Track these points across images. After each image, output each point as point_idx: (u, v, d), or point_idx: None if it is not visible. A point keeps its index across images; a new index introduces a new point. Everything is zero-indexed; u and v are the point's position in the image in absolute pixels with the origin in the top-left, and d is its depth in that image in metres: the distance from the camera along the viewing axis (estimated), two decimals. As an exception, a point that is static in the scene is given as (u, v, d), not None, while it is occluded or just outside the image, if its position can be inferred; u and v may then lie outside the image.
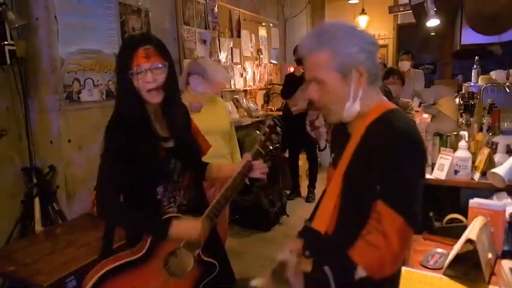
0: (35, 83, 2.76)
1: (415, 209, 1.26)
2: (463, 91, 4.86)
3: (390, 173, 1.26)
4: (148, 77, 1.55)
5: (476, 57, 5.16)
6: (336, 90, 1.34)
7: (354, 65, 1.32)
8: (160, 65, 1.57)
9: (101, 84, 3.05)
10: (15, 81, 2.67)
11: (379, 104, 1.39)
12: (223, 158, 2.90)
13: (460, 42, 5.62)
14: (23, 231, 2.70)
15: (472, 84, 4.99)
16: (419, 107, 4.13)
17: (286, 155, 5.61)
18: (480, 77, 4.72)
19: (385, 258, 1.22)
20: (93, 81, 2.99)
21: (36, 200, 2.72)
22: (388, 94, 3.19)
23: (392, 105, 1.42)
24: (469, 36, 5.13)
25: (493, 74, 4.15)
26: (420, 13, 4.91)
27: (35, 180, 2.76)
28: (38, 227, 2.68)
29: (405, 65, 5.53)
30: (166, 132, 1.70)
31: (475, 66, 5.16)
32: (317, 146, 4.99)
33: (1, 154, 2.65)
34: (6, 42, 2.56)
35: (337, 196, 1.37)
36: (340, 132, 1.51)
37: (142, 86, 1.56)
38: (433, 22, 4.75)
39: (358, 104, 1.35)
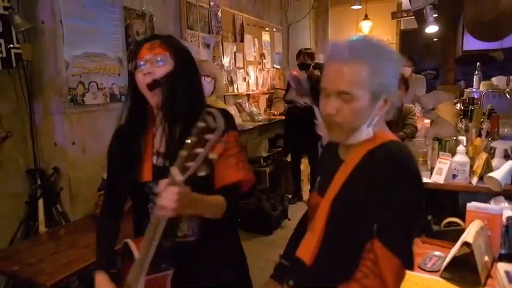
0: (40, 86, 2.79)
1: (411, 250, 1.20)
2: (465, 97, 4.88)
3: (388, 209, 1.17)
4: (146, 68, 1.34)
5: (477, 63, 5.18)
6: (360, 110, 1.21)
7: (385, 92, 1.22)
8: (163, 56, 1.35)
9: (105, 88, 3.09)
10: (20, 84, 2.70)
11: (380, 132, 1.28)
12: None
13: (462, 48, 5.62)
14: (27, 231, 2.71)
15: (473, 90, 5.01)
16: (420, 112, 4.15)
17: (288, 159, 5.64)
18: (481, 83, 4.72)
19: None
20: (97, 85, 3.02)
21: (40, 202, 2.74)
22: None
23: (392, 136, 1.32)
24: (471, 43, 5.13)
25: (494, 80, 4.17)
26: (422, 19, 4.92)
27: (39, 182, 2.78)
28: (42, 227, 2.70)
29: (406, 71, 5.53)
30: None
31: (476, 72, 5.17)
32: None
33: (6, 156, 2.68)
34: (12, 46, 2.59)
35: (324, 224, 1.27)
36: (330, 155, 1.41)
37: (141, 80, 1.35)
38: (431, 28, 4.77)
39: (371, 130, 1.25)
